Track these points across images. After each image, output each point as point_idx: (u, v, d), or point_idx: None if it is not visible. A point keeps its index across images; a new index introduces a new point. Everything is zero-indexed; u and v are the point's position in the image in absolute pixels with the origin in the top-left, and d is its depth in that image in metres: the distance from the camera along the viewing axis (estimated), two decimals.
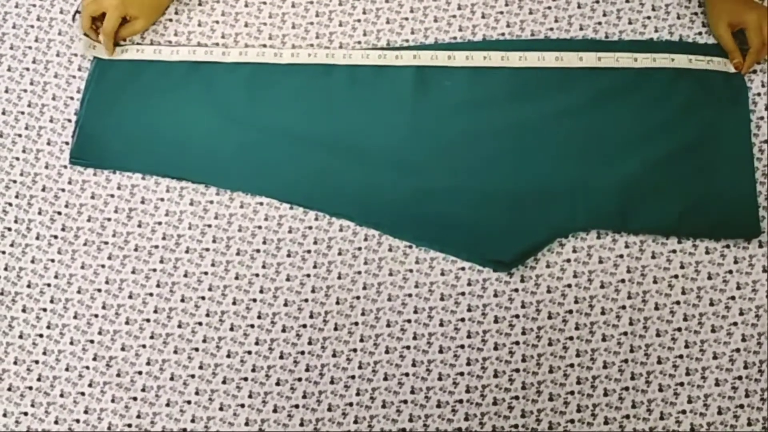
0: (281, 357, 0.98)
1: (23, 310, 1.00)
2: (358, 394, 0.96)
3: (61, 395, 0.97)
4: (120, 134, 1.06)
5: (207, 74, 1.08)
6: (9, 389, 0.97)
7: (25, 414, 0.96)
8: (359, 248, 1.01)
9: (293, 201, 1.03)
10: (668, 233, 1.01)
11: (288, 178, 1.04)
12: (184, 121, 1.06)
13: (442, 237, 1.01)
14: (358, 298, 1.00)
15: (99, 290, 1.00)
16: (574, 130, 1.05)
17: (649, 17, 1.10)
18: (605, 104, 1.06)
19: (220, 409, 0.96)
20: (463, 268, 1.00)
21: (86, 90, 1.08)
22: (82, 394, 0.97)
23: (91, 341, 0.98)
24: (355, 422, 0.95)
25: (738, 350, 0.96)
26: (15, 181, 1.05)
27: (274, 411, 0.96)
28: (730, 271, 0.99)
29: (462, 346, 0.98)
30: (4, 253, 1.02)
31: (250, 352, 0.98)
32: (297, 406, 0.96)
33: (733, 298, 0.98)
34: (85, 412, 0.96)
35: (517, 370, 0.97)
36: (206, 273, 1.01)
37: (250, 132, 1.05)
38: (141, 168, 1.05)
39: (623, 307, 0.98)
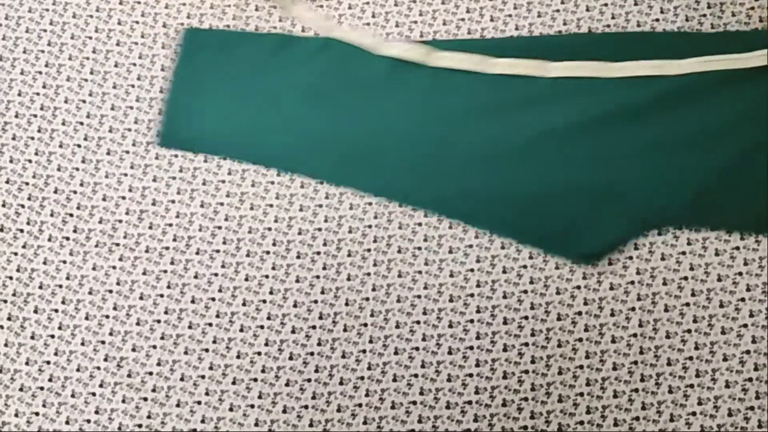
0: (291, 358, 0.98)
1: (35, 311, 1.00)
2: (367, 395, 0.96)
3: (72, 395, 0.97)
4: (207, 118, 1.06)
5: (295, 58, 1.08)
6: (21, 389, 0.97)
7: (37, 414, 0.96)
8: (368, 249, 1.02)
9: (377, 193, 1.04)
10: (747, 228, 1.00)
11: (372, 171, 1.04)
12: (271, 106, 1.06)
13: (523, 230, 1.02)
14: (367, 299, 1.00)
15: (110, 291, 1.01)
16: (654, 124, 1.04)
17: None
18: (687, 99, 1.05)
19: (230, 409, 0.96)
20: (471, 270, 1.00)
21: (174, 73, 1.09)
22: (93, 394, 0.97)
23: (102, 342, 0.99)
24: (365, 423, 0.95)
25: (748, 352, 0.96)
26: (27, 184, 1.05)
27: (284, 412, 0.96)
28: (740, 273, 0.99)
29: (471, 348, 0.98)
30: (16, 254, 1.03)
31: (259, 353, 0.98)
32: (306, 407, 0.96)
33: (743, 299, 0.98)
34: (96, 412, 0.96)
35: (527, 372, 0.97)
36: (216, 274, 1.01)
37: (337, 120, 1.05)
38: (227, 153, 1.05)
39: (632, 309, 0.98)
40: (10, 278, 1.02)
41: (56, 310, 1.00)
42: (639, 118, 1.05)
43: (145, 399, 0.97)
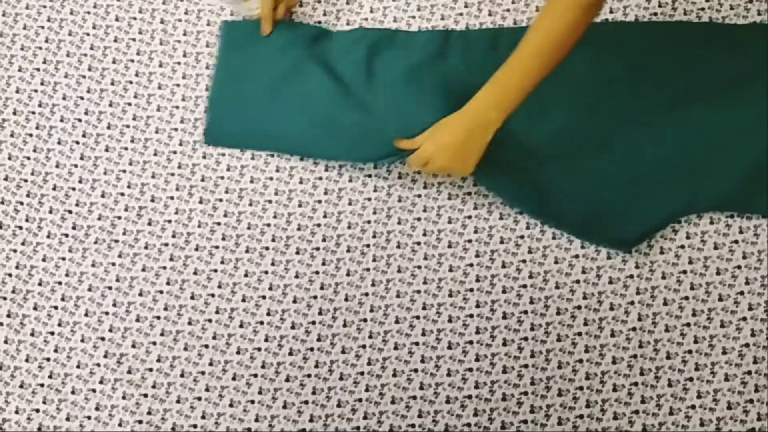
0: (291, 353, 0.98)
1: (35, 308, 1.00)
2: (367, 390, 0.96)
3: (73, 392, 0.97)
4: (247, 115, 1.07)
5: (333, 49, 1.09)
6: (21, 386, 0.97)
7: (37, 411, 0.96)
8: (368, 245, 1.02)
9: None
10: None
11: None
12: (311, 98, 1.07)
13: (561, 215, 1.02)
14: (366, 294, 1.00)
15: (110, 288, 1.01)
16: (700, 110, 1.05)
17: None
18: (734, 86, 1.05)
19: (231, 405, 0.96)
20: (471, 265, 1.01)
21: (216, 69, 1.09)
22: (93, 391, 0.97)
23: (102, 338, 0.99)
24: (365, 418, 0.95)
25: (747, 345, 0.96)
26: (26, 180, 1.05)
27: (284, 407, 0.96)
28: (739, 267, 0.99)
29: (471, 342, 0.98)
30: (15, 251, 1.03)
31: (259, 349, 0.98)
32: (307, 402, 0.96)
33: (742, 293, 0.98)
34: (96, 408, 0.97)
35: (526, 366, 0.97)
36: (216, 270, 1.01)
37: (369, 110, 1.05)
38: (269, 147, 1.06)
39: (632, 303, 0.98)
40: (9, 275, 1.02)
41: (56, 307, 1.00)
42: (685, 106, 1.05)
43: (145, 395, 0.97)
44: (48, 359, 0.98)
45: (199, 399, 0.97)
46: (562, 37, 0.86)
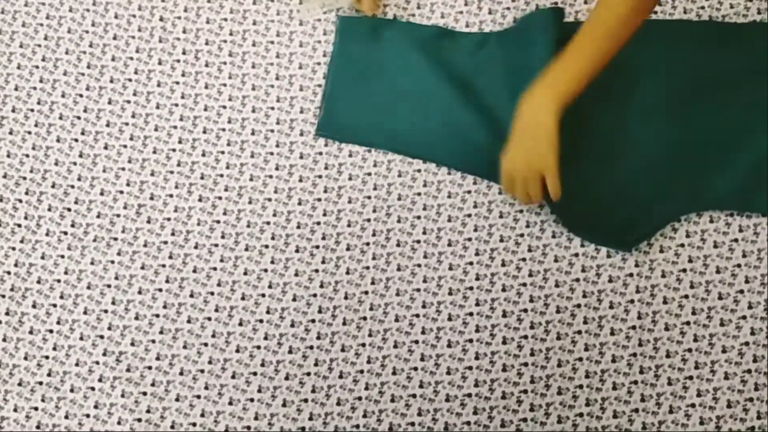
0: (290, 351, 0.98)
1: (33, 306, 1.00)
2: (367, 389, 0.96)
3: (71, 390, 0.97)
4: (362, 111, 1.08)
5: (451, 51, 1.09)
6: (19, 384, 0.97)
7: (36, 409, 0.96)
8: (367, 243, 1.02)
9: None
10: None
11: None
12: (425, 98, 1.07)
13: (561, 214, 1.02)
14: (366, 293, 1.00)
15: (108, 286, 1.01)
16: (700, 109, 1.05)
17: None
18: (734, 85, 1.06)
19: (230, 403, 0.96)
20: (470, 263, 1.01)
21: (330, 65, 1.10)
22: (92, 389, 0.97)
23: (101, 336, 0.99)
24: (365, 416, 0.95)
25: (747, 344, 0.96)
26: (25, 178, 1.05)
27: (284, 405, 0.96)
28: (739, 265, 0.99)
29: (470, 341, 0.98)
30: (14, 249, 1.02)
31: (259, 347, 0.98)
32: (306, 401, 0.96)
33: (741, 291, 0.98)
34: (95, 407, 0.96)
35: (526, 364, 0.97)
36: (215, 269, 1.01)
37: (491, 114, 1.05)
38: (382, 144, 1.06)
39: (631, 301, 0.98)
40: (8, 273, 1.01)
41: (54, 305, 1.00)
42: (684, 105, 1.05)
43: (144, 393, 0.97)
44: (47, 357, 0.98)
45: (199, 397, 0.96)
46: (615, 29, 0.87)
